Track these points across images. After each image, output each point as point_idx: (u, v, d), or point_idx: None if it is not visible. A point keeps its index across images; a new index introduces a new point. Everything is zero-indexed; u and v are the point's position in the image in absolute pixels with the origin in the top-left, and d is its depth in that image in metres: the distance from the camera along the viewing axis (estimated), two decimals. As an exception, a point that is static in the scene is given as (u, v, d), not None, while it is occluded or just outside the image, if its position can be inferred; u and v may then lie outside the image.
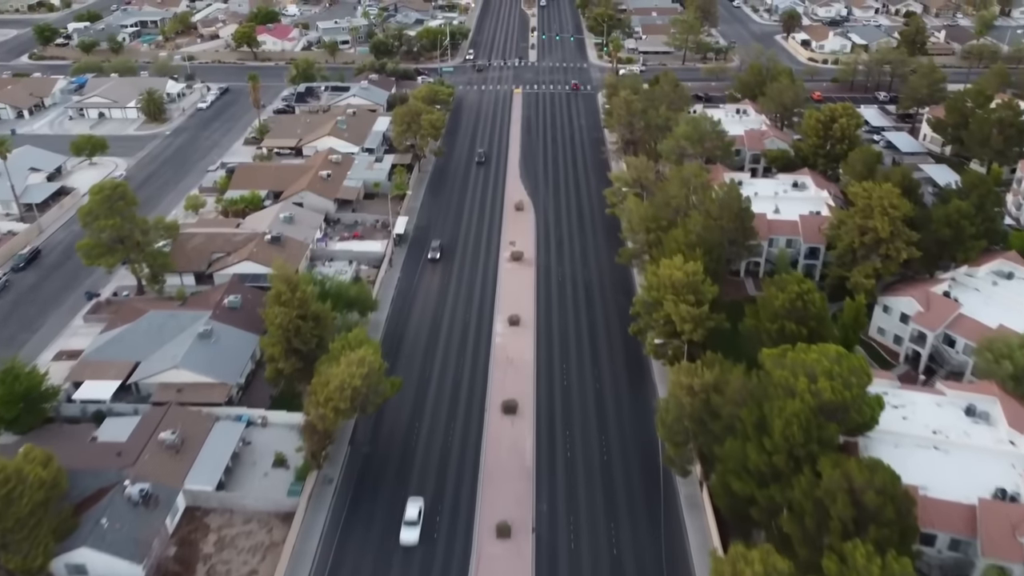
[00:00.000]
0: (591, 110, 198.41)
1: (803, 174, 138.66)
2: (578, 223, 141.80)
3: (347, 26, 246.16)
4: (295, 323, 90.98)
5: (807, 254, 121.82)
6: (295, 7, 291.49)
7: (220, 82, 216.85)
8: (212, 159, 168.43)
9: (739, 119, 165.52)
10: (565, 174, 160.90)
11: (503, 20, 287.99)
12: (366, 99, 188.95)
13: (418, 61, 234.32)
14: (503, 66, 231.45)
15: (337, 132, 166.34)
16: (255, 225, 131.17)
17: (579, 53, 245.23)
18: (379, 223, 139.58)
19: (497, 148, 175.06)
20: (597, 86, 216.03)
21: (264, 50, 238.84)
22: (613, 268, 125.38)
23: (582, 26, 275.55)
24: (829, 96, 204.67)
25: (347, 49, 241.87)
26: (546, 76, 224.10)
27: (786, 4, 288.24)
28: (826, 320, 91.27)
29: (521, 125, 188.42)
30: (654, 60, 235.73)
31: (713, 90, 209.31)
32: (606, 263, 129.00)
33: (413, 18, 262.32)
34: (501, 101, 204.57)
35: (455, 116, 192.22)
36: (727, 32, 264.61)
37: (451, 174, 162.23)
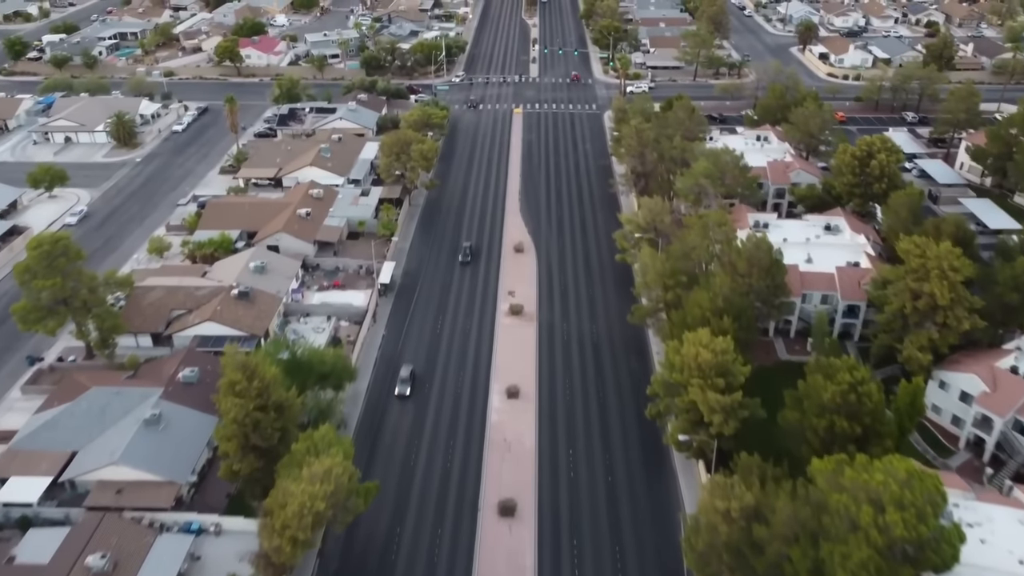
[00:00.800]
0: (597, 132, 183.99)
1: (835, 215, 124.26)
2: (584, 269, 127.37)
3: (336, 39, 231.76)
4: (253, 417, 76.68)
5: (845, 312, 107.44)
6: (284, 17, 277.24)
7: (200, 100, 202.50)
8: (184, 191, 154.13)
9: (760, 147, 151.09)
10: (570, 209, 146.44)
11: (502, 31, 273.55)
12: (353, 122, 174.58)
13: (412, 77, 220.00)
14: (502, 83, 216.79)
15: (320, 161, 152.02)
16: (223, 274, 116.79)
17: (583, 68, 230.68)
18: (363, 269, 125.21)
19: (496, 177, 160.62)
20: (603, 104, 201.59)
21: (248, 65, 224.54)
22: (625, 324, 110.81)
23: (586, 38, 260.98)
24: (852, 116, 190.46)
25: (336, 64, 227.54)
26: (548, 94, 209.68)
27: (801, 14, 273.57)
28: (884, 417, 76.76)
29: (521, 150, 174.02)
30: (663, 75, 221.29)
31: (728, 109, 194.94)
32: (616, 317, 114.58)
33: (407, 30, 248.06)
34: (500, 122, 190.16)
35: (450, 140, 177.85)
36: (739, 44, 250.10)
37: (444, 209, 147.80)
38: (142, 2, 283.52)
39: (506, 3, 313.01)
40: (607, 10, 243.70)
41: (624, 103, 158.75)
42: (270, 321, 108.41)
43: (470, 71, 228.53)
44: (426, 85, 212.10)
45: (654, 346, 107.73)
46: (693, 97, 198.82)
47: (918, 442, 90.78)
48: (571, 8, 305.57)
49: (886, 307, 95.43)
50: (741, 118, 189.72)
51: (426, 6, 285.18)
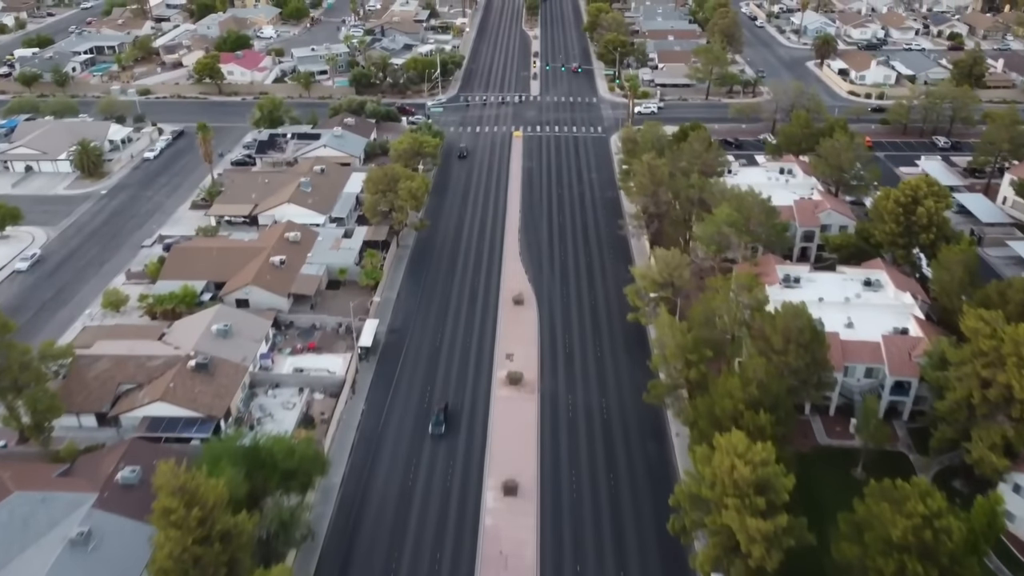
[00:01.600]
0: (603, 159, 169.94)
1: (875, 266, 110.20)
2: (592, 327, 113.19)
3: (324, 55, 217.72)
4: (192, 552, 62.84)
5: (893, 388, 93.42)
6: (272, 29, 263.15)
7: (176, 122, 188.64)
8: (150, 229, 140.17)
9: (785, 182, 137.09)
10: (575, 253, 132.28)
11: (502, 44, 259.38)
12: (339, 150, 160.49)
13: (404, 95, 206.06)
14: (501, 103, 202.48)
15: (299, 197, 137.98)
16: (183, 337, 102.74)
17: (588, 85, 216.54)
18: (342, 327, 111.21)
19: (493, 213, 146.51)
20: (609, 127, 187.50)
21: (231, 82, 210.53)
22: (639, 396, 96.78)
23: (589, 50, 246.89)
24: (879, 141, 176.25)
25: (324, 80, 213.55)
26: (550, 114, 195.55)
27: (816, 25, 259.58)
28: (966, 561, 62.55)
29: (521, 179, 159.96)
30: (673, 93, 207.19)
31: (744, 133, 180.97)
32: (629, 388, 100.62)
33: (401, 43, 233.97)
34: (498, 147, 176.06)
35: (444, 170, 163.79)
36: (752, 58, 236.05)
37: (436, 252, 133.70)
38: (122, 13, 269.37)
39: (506, 14, 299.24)
40: (612, 23, 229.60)
41: (633, 132, 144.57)
42: (232, 398, 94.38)
43: (467, 88, 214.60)
44: (419, 105, 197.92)
45: (673, 427, 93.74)
46: (706, 119, 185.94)
47: (990, 559, 76.83)
48: (574, 18, 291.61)
49: (948, 393, 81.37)
50: (759, 143, 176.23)
51: (421, 17, 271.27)
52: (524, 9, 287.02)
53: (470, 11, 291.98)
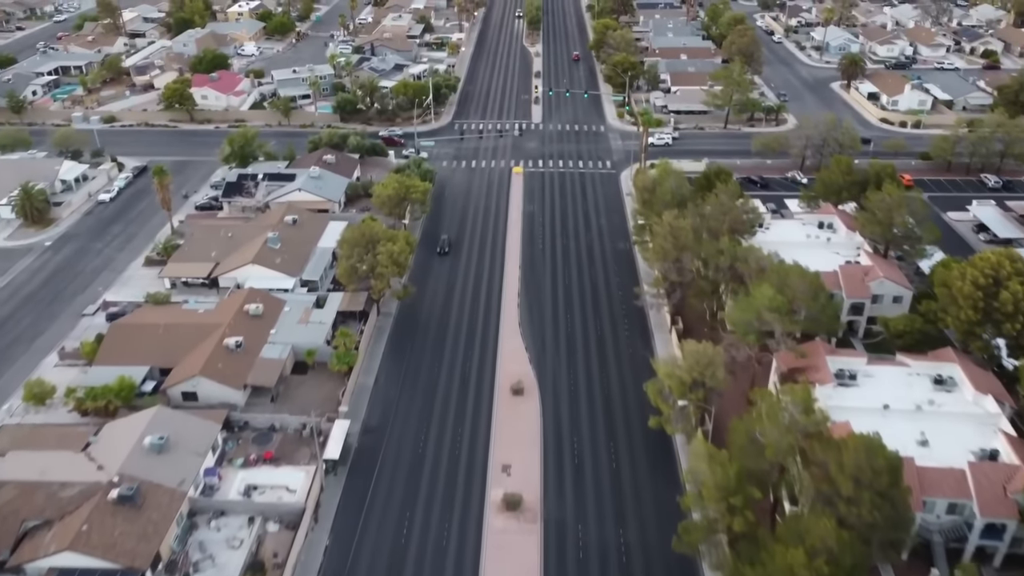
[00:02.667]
0: (613, 200, 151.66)
1: (945, 358, 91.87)
2: (606, 429, 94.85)
3: (307, 77, 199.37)
4: None
5: (984, 531, 75.14)
6: (254, 46, 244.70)
7: (140, 155, 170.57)
8: (95, 293, 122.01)
9: (826, 240, 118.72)
10: (584, 326, 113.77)
11: (501, 62, 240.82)
12: (315, 193, 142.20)
13: (393, 122, 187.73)
14: (499, 135, 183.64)
15: (265, 256, 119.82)
16: (110, 450, 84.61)
17: (594, 111, 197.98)
18: (306, 429, 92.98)
19: (489, 272, 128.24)
20: (619, 161, 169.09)
21: (204, 107, 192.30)
22: (665, 529, 78.57)
23: (596, 69, 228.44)
24: (920, 179, 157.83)
25: (307, 105, 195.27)
26: (553, 146, 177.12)
27: (839, 42, 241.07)
28: None
29: (522, 227, 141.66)
30: (688, 121, 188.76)
31: (770, 170, 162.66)
32: (653, 517, 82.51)
33: (392, 63, 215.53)
34: (496, 187, 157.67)
35: (434, 215, 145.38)
36: (771, 78, 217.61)
37: (422, 323, 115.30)
38: (93, 28, 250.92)
39: (506, 28, 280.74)
40: (621, 41, 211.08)
41: (649, 179, 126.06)
42: (163, 538, 76.17)
43: (462, 114, 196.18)
44: (408, 135, 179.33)
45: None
46: (726, 152, 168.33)
47: None
48: (578, 33, 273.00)
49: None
50: (787, 181, 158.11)
51: (415, 32, 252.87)
52: (525, 24, 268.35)
53: (467, 25, 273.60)
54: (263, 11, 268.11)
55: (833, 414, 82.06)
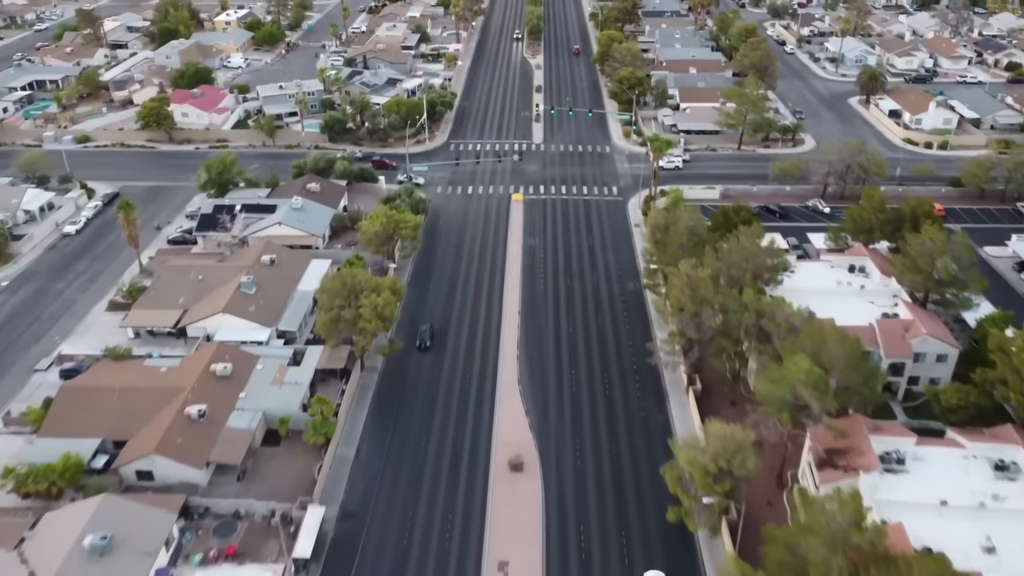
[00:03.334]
0: (620, 233, 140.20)
1: (1006, 438, 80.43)
2: (617, 517, 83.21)
3: (294, 93, 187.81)
4: None
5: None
6: (240, 57, 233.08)
7: (113, 179, 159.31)
8: (51, 343, 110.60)
9: (859, 287, 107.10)
10: (590, 386, 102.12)
11: (500, 75, 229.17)
12: (297, 227, 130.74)
13: (385, 143, 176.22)
14: (498, 160, 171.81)
15: (238, 303, 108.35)
16: (46, 550, 73.24)
17: (599, 130, 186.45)
18: (275, 516, 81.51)
19: (485, 318, 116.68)
20: (626, 188, 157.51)
21: (185, 126, 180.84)
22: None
23: (600, 84, 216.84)
24: (951, 208, 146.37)
25: (294, 123, 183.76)
26: (556, 169, 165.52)
27: (855, 53, 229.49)
28: None
29: (521, 265, 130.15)
30: (698, 141, 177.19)
31: (789, 198, 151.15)
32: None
33: (385, 77, 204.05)
34: (494, 217, 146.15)
35: (427, 250, 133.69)
36: (785, 93, 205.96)
37: (410, 383, 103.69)
38: (73, 39, 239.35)
39: (505, 38, 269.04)
40: (626, 55, 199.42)
41: (661, 217, 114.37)
42: (99, 667, 64.84)
43: (459, 133, 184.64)
44: (400, 157, 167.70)
45: None
46: (741, 176, 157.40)
47: None
48: (581, 43, 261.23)
49: None
50: (808, 210, 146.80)
51: (410, 43, 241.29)
52: (526, 33, 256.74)
53: (465, 34, 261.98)
54: (252, 20, 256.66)
55: (882, 510, 71.02)
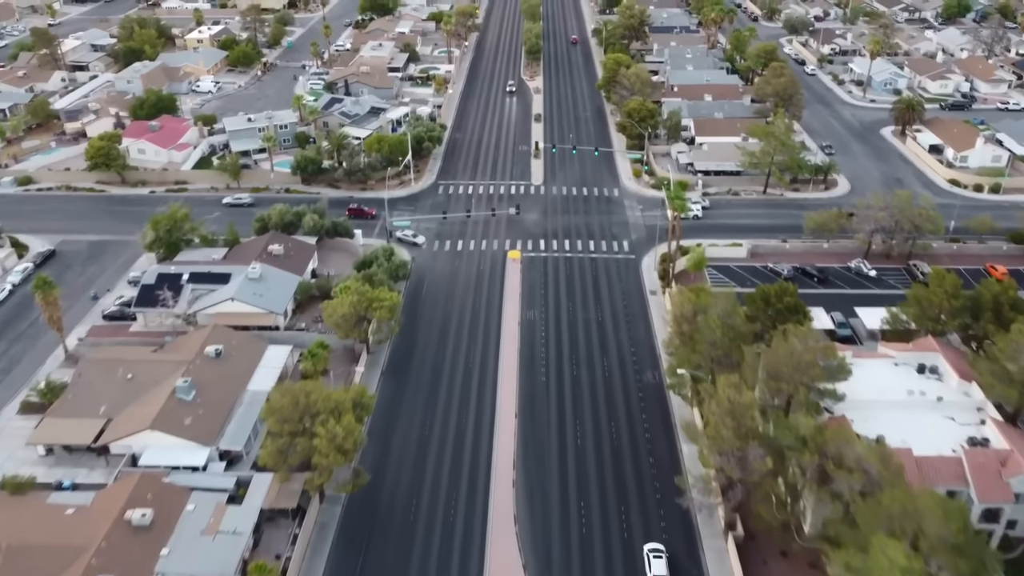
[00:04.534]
0: (634, 301, 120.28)
1: None
2: None
3: (264, 127, 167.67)
4: None
5: None
6: (211, 80, 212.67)
7: (52, 232, 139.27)
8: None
9: (935, 399, 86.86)
10: (604, 529, 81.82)
11: (496, 101, 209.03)
12: (254, 303, 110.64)
13: (366, 184, 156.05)
14: (494, 211, 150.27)
15: (172, 415, 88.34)
16: None
17: (606, 169, 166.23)
18: None
19: (475, 425, 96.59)
20: (639, 241, 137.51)
21: (140, 164, 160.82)
22: None
23: (605, 113, 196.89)
24: (1015, 269, 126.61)
25: (262, 162, 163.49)
26: (558, 219, 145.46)
27: (884, 76, 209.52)
28: None
29: (520, 345, 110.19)
30: (718, 182, 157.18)
31: (827, 256, 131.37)
32: None
33: (367, 105, 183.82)
34: (487, 284, 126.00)
35: (408, 329, 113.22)
36: (810, 122, 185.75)
37: (380, 519, 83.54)
38: (28, 60, 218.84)
39: (501, 57, 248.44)
40: (635, 81, 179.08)
41: (687, 301, 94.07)
42: None
43: (448, 172, 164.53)
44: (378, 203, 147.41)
45: None
46: (769, 229, 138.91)
47: None
48: (583, 62, 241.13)
49: None
50: (849, 272, 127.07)
51: (397, 64, 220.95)
52: (523, 53, 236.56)
53: (458, 53, 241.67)
54: (226, 38, 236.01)
55: None
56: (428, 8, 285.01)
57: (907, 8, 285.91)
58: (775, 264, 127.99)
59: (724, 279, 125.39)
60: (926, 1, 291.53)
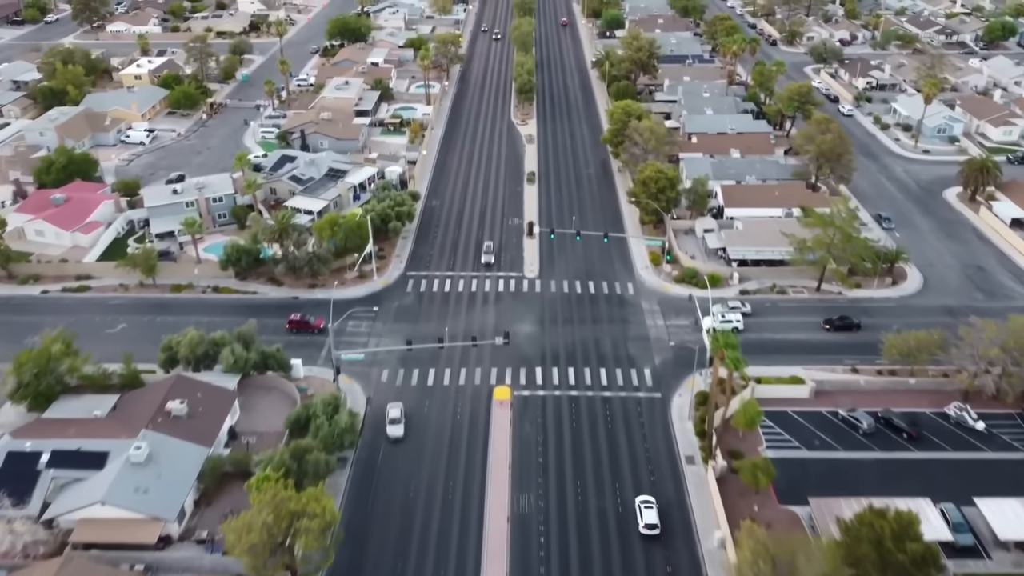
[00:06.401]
0: (665, 476, 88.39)
1: None
2: None
3: (194, 200, 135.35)
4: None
5: None
6: (144, 129, 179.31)
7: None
8: None
9: None
10: None
11: (480, 154, 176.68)
12: (133, 506, 78.22)
13: (317, 279, 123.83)
14: (475, 340, 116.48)
15: None
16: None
17: (618, 255, 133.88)
18: None
19: None
20: (663, 368, 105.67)
21: (37, 251, 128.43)
22: None
23: (611, 169, 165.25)
24: None
25: (186, 249, 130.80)
26: (558, 332, 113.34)
27: (936, 120, 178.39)
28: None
29: (509, 558, 78.34)
30: (756, 273, 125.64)
31: (914, 396, 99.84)
32: None
33: (325, 166, 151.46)
34: (464, 447, 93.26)
35: (352, 541, 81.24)
36: (857, 184, 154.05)
37: None
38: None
39: (488, 94, 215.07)
40: (649, 138, 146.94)
41: (760, 555, 62.30)
42: None
43: (421, 259, 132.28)
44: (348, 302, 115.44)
45: None
46: (833, 349, 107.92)
47: None
48: (582, 99, 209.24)
49: None
50: (950, 424, 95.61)
51: (366, 105, 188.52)
52: (514, 91, 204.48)
53: (438, 89, 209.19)
54: (167, 74, 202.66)
55: None
56: (406, 33, 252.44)
57: (943, 31, 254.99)
58: (849, 412, 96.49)
59: (783, 435, 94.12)
60: (963, 23, 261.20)
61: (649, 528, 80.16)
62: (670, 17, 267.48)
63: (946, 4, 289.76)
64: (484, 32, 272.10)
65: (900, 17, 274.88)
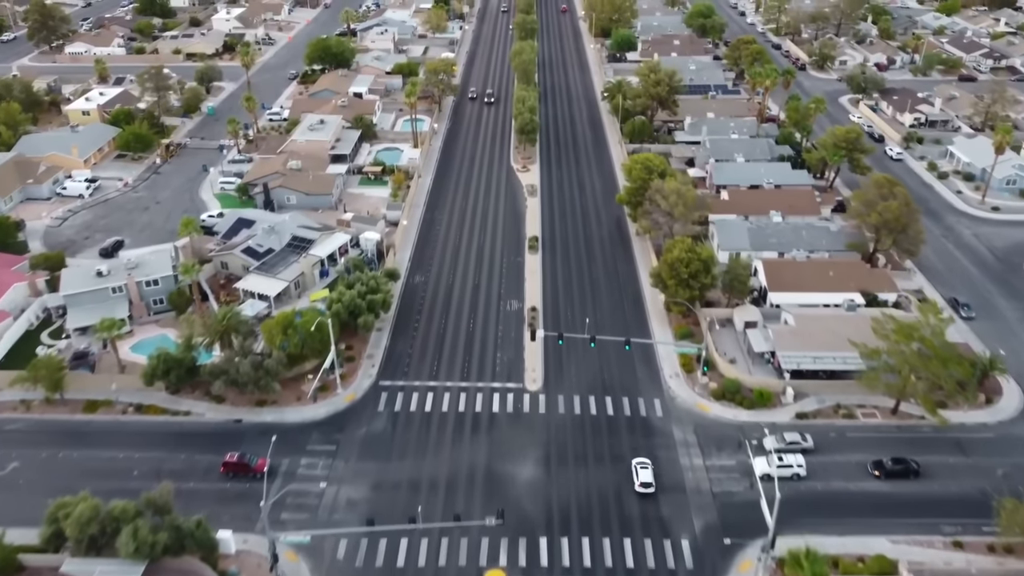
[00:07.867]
0: None
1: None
2: None
3: (124, 282, 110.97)
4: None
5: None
6: (85, 179, 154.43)
7: None
8: None
9: None
10: None
11: (475, 212, 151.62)
12: None
13: (268, 395, 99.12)
14: (458, 517, 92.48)
15: None
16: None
17: (639, 356, 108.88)
18: None
19: None
20: (708, 543, 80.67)
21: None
22: None
23: (629, 233, 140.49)
24: None
25: (110, 348, 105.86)
26: (567, 475, 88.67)
27: (1006, 171, 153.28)
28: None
29: None
30: (816, 387, 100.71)
31: None
32: None
33: (288, 233, 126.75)
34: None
35: None
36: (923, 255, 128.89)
37: None
38: None
39: (485, 131, 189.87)
40: (676, 202, 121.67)
41: None
42: None
43: (397, 364, 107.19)
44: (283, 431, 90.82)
45: None
46: (927, 503, 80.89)
47: None
48: (591, 136, 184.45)
49: None
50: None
51: (344, 148, 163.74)
52: (513, 131, 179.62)
53: (428, 127, 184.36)
54: (118, 109, 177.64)
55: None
56: (394, 57, 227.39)
57: (991, 54, 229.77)
58: (963, 622, 71.71)
59: (876, 660, 69.05)
60: (1012, 44, 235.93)
61: None
62: (686, 38, 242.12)
63: (989, 22, 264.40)
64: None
65: (940, 38, 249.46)
